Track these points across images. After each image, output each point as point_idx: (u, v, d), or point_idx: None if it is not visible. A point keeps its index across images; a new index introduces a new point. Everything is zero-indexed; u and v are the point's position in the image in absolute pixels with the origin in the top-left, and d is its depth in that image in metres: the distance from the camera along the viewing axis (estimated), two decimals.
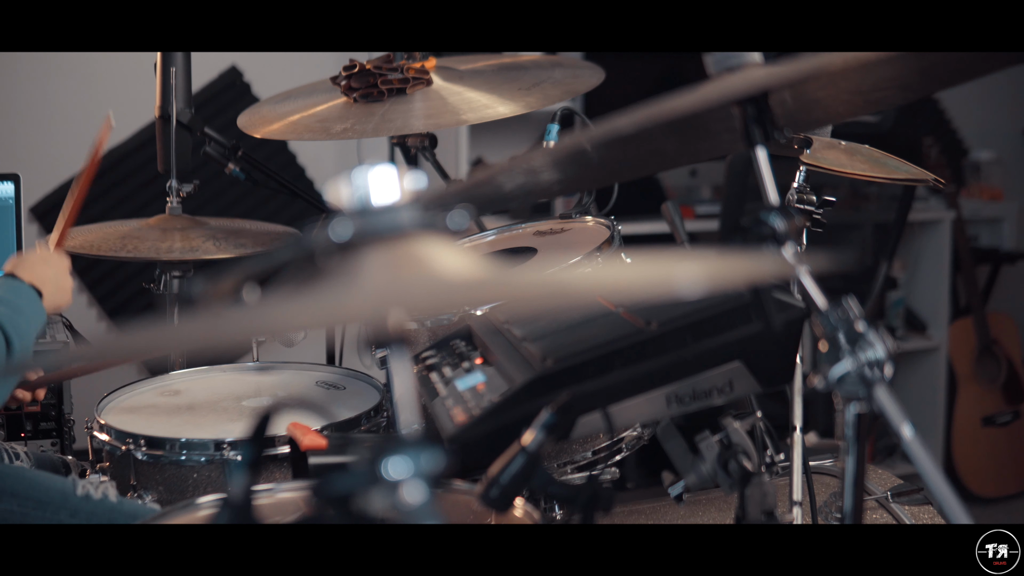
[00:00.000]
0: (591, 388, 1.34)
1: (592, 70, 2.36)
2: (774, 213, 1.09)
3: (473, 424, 1.34)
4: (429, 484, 0.73)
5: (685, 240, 2.36)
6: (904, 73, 1.22)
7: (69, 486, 1.72)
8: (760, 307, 1.21)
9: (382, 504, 0.74)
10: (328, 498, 0.74)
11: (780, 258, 1.08)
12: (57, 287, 1.77)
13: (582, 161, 1.25)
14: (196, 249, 2.27)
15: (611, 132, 1.02)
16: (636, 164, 1.41)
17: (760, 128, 1.11)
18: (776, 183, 1.23)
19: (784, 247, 1.10)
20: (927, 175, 1.65)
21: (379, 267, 0.74)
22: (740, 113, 1.12)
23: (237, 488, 0.91)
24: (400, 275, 0.73)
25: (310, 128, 2.22)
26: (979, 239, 4.53)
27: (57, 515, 1.68)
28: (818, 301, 1.11)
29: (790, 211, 1.10)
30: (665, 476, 1.53)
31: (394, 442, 0.74)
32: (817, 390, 1.09)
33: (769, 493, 1.36)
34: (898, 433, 1.10)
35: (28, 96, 3.68)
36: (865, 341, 1.09)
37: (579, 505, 1.23)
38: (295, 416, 1.87)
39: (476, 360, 1.58)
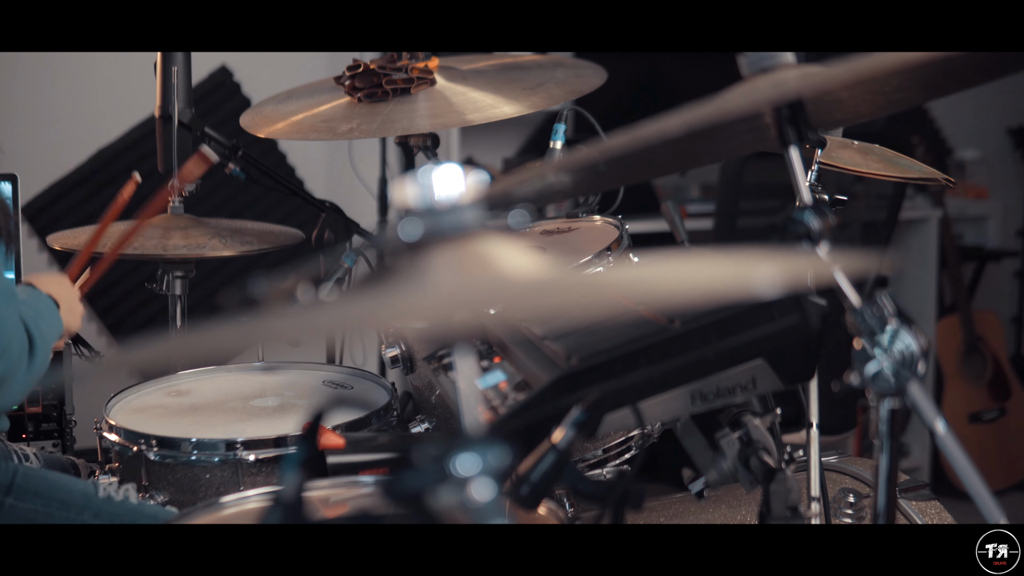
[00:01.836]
0: (618, 386, 1.35)
1: (594, 70, 2.37)
2: (808, 212, 1.10)
3: (500, 422, 1.35)
4: (497, 481, 0.74)
5: (685, 239, 2.38)
6: (930, 74, 1.23)
7: (91, 488, 1.72)
8: (795, 305, 1.22)
9: (450, 501, 0.74)
10: (399, 496, 0.74)
11: (816, 257, 1.09)
12: (70, 308, 1.78)
13: (616, 162, 1.26)
14: (203, 246, 2.26)
15: (658, 135, 1.03)
16: (658, 165, 1.42)
17: (794, 128, 1.12)
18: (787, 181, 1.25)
19: (819, 246, 1.11)
20: (937, 174, 1.67)
21: (447, 267, 0.75)
22: (773, 114, 1.14)
23: (289, 486, 0.91)
24: (469, 275, 0.73)
25: (315, 128, 2.22)
26: (964, 237, 4.57)
27: (81, 516, 1.68)
28: (852, 298, 1.12)
29: (824, 210, 1.11)
30: (685, 473, 1.55)
31: (461, 439, 0.74)
32: (852, 387, 1.10)
33: (794, 489, 1.37)
34: (931, 428, 1.11)
35: (23, 96, 3.66)
36: (899, 337, 1.10)
37: (610, 503, 1.24)
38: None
39: (494, 359, 1.59)
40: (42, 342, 1.55)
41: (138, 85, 3.67)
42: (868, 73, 1.00)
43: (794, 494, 1.37)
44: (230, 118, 3.73)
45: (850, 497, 1.89)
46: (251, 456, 1.82)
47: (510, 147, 4.23)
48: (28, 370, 1.55)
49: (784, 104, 1.10)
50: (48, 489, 1.70)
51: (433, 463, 0.75)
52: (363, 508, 0.87)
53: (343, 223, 2.52)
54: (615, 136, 1.05)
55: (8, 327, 1.52)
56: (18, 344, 1.53)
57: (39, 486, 1.69)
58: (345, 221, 2.52)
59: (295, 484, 0.91)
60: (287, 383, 2.14)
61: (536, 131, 4.22)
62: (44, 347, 1.56)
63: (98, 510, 1.70)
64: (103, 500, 1.70)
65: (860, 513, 1.87)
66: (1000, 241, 4.60)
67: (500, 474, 0.75)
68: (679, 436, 1.53)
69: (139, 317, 3.76)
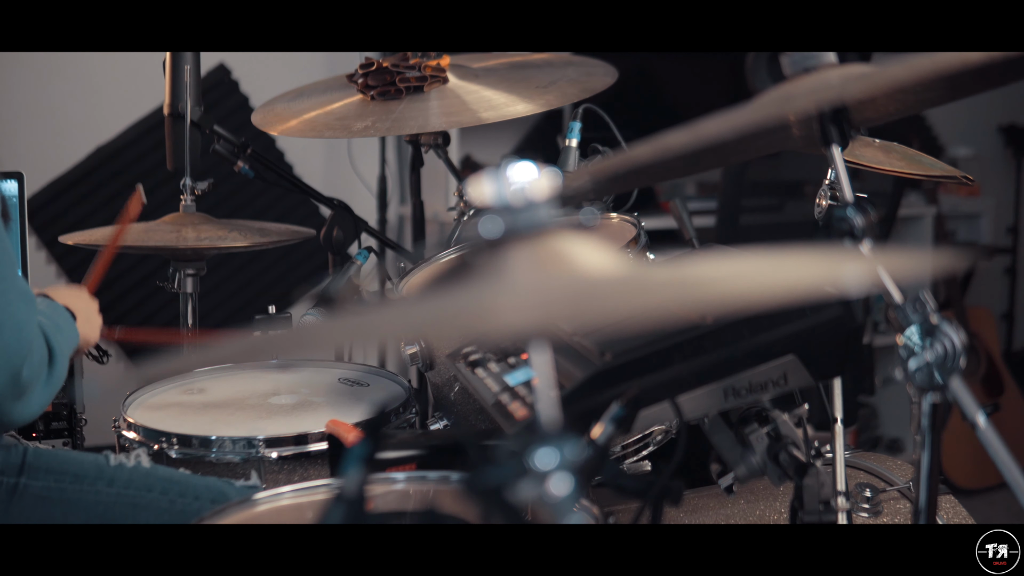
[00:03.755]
0: (653, 382, 1.36)
1: (604, 68, 2.38)
2: (852, 209, 1.12)
3: (536, 419, 1.36)
4: (575, 476, 0.75)
5: (693, 236, 2.39)
6: (963, 74, 1.24)
7: (102, 459, 1.73)
8: (836, 301, 1.23)
9: (529, 496, 0.75)
10: (481, 491, 0.75)
11: (859, 253, 1.11)
12: (87, 319, 1.78)
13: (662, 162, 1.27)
14: (224, 238, 2.26)
15: (714, 136, 1.04)
16: (687, 164, 1.43)
17: (837, 128, 1.13)
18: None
19: (862, 243, 1.12)
20: (958, 172, 1.69)
21: (526, 265, 0.76)
22: (816, 113, 1.15)
23: (352, 482, 0.92)
24: (550, 274, 0.74)
25: (330, 126, 2.22)
26: (957, 234, 4.61)
27: (95, 485, 1.69)
28: (894, 295, 1.13)
29: (866, 207, 1.12)
30: (713, 468, 1.56)
31: (538, 434, 0.75)
32: (895, 381, 1.11)
33: (826, 483, 1.39)
34: (972, 422, 1.13)
35: (22, 94, 3.65)
36: (941, 332, 1.12)
37: (650, 498, 1.25)
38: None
39: (521, 355, 1.60)
40: (61, 354, 1.54)
41: (137, 83, 3.68)
42: (925, 74, 1.02)
43: (827, 488, 1.39)
44: (228, 116, 3.74)
45: (867, 492, 1.90)
46: (273, 453, 1.83)
47: (506, 145, 4.23)
48: (47, 381, 1.53)
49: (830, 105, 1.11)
50: (60, 464, 1.70)
51: (512, 458, 0.76)
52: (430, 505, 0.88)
53: (351, 220, 2.53)
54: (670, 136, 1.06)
55: (29, 333, 1.50)
56: (38, 354, 1.51)
57: (50, 462, 1.70)
58: (354, 219, 2.52)
59: (358, 480, 0.92)
60: (302, 381, 2.15)
61: (532, 129, 4.23)
62: (63, 359, 1.55)
63: (111, 478, 1.70)
64: (115, 467, 1.71)
65: (877, 508, 1.89)
66: (992, 238, 4.63)
67: (577, 468, 0.76)
68: (706, 432, 1.54)
69: (140, 314, 3.75)
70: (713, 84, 4.28)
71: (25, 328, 1.49)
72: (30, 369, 1.48)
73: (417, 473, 1.45)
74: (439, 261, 1.95)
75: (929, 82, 1.12)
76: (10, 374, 1.46)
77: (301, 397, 2.05)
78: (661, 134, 1.10)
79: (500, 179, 0.80)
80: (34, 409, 1.52)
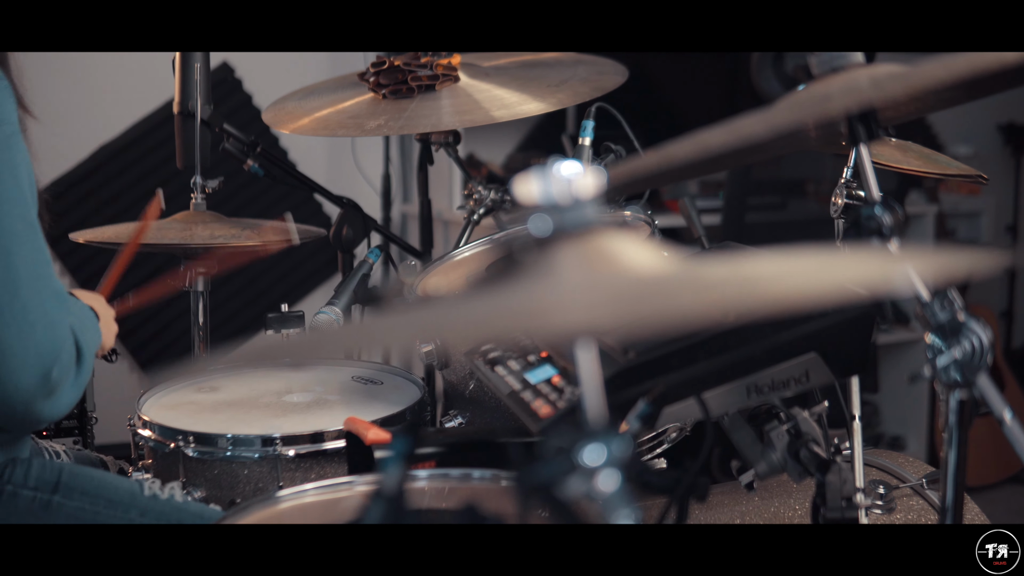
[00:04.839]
0: (677, 379, 1.37)
1: (615, 67, 2.39)
2: (880, 207, 1.13)
3: (560, 416, 1.37)
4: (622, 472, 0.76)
5: (703, 234, 2.40)
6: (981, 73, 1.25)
7: (136, 486, 1.72)
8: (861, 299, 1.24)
9: (578, 492, 0.76)
10: (532, 487, 0.76)
11: (887, 252, 1.12)
12: (106, 323, 1.79)
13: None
14: (238, 236, 2.26)
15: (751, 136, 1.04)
16: (709, 164, 1.44)
17: (864, 127, 1.14)
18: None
19: (890, 241, 1.13)
20: (972, 171, 1.70)
21: (575, 264, 0.76)
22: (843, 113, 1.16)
23: (392, 479, 0.92)
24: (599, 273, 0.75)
25: (343, 124, 2.22)
26: (957, 233, 4.63)
27: (128, 514, 1.68)
28: (922, 293, 1.14)
29: (894, 205, 1.13)
30: (733, 464, 1.57)
31: (586, 430, 0.76)
32: (923, 379, 1.12)
33: (849, 480, 1.40)
34: (1000, 418, 1.14)
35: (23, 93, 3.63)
36: (968, 330, 1.13)
37: (677, 494, 1.26)
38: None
39: (541, 353, 1.60)
40: (89, 353, 1.55)
41: (139, 82, 3.68)
42: (963, 74, 1.02)
43: (849, 485, 1.40)
44: (232, 114, 3.73)
45: (880, 489, 1.92)
46: (290, 451, 1.83)
47: (509, 144, 4.24)
48: (75, 380, 1.54)
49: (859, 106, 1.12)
50: (95, 487, 1.70)
51: (561, 455, 0.76)
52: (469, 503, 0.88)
53: (361, 219, 2.53)
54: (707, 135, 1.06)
55: (61, 332, 1.51)
56: (68, 353, 1.52)
57: (85, 484, 1.69)
58: (363, 217, 2.53)
59: (398, 477, 0.93)
60: (316, 379, 2.15)
61: (535, 128, 4.24)
62: (90, 358, 1.56)
63: (144, 508, 1.70)
64: (148, 498, 1.70)
65: (890, 505, 1.90)
66: (993, 236, 4.65)
67: (624, 464, 0.77)
68: (726, 430, 1.55)
69: (149, 311, 3.75)
70: (709, 84, 4.30)
71: (58, 327, 1.50)
72: (60, 368, 1.48)
73: (439, 471, 1.45)
74: (462, 257, 1.95)
75: (962, 82, 1.13)
76: (41, 372, 1.47)
77: (315, 395, 2.06)
78: (660, 134, 1.11)
79: (548, 178, 0.81)
80: (62, 408, 1.52)
